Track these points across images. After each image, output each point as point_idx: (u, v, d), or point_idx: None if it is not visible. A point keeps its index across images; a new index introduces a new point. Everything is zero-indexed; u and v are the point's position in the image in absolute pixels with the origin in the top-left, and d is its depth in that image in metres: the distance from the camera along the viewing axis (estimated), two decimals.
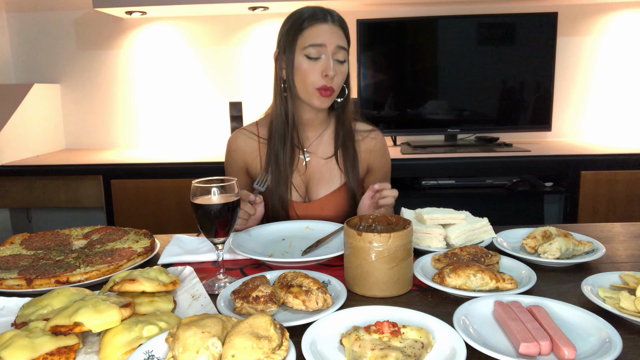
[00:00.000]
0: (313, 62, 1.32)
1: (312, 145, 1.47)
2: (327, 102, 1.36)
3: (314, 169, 1.46)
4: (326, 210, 1.43)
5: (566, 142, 2.95)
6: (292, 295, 0.84)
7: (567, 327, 0.77)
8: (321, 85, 1.32)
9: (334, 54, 1.32)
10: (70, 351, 0.70)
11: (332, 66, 1.31)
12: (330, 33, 1.32)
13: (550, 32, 2.74)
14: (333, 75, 1.31)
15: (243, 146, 1.48)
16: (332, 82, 1.33)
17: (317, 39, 1.32)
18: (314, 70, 1.32)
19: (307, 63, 1.33)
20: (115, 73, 3.10)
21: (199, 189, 0.96)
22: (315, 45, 1.31)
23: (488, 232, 1.18)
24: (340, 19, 1.37)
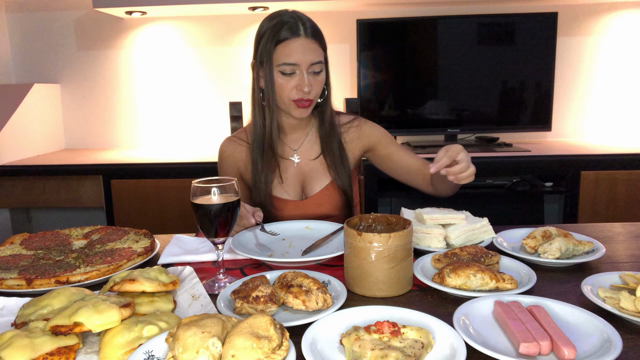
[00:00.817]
0: (288, 77, 1.33)
1: (301, 146, 1.49)
2: (306, 112, 1.38)
3: (306, 168, 1.48)
4: (323, 205, 1.45)
5: (566, 142, 2.95)
6: (292, 295, 0.84)
7: (567, 327, 0.77)
8: (297, 98, 1.34)
9: (308, 69, 1.33)
10: (70, 351, 0.70)
11: (307, 81, 1.32)
12: (303, 50, 1.31)
13: (550, 32, 2.74)
14: (308, 90, 1.33)
15: (234, 153, 1.50)
16: (308, 95, 1.34)
17: (289, 57, 1.31)
18: (289, 85, 1.34)
19: (282, 78, 1.34)
20: (115, 73, 3.10)
21: (199, 189, 0.96)
22: (288, 64, 1.32)
23: (488, 232, 1.18)
24: (313, 28, 1.34)
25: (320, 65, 1.35)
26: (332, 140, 1.46)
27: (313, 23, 1.36)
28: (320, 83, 1.37)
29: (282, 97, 1.36)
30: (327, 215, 1.45)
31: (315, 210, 1.45)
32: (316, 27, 1.36)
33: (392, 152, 1.49)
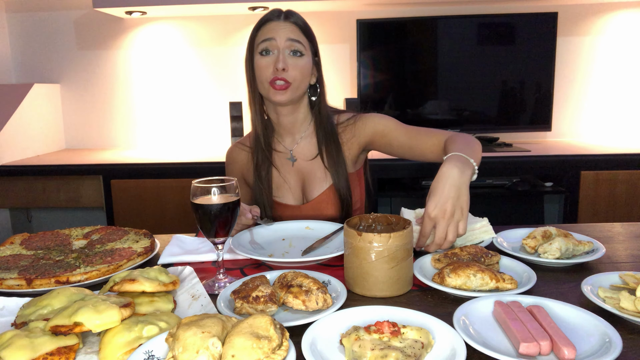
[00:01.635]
0: (266, 57, 1.34)
1: (298, 147, 1.48)
2: (284, 95, 1.34)
3: (304, 171, 1.47)
4: (323, 209, 1.44)
5: (566, 142, 2.95)
6: (292, 295, 0.84)
7: (567, 327, 0.77)
8: (272, 77, 1.33)
9: (286, 48, 1.33)
10: (70, 351, 0.70)
11: (283, 58, 1.31)
12: (280, 28, 1.33)
13: (550, 32, 2.74)
14: (282, 67, 1.31)
15: (237, 158, 1.52)
16: (283, 74, 1.32)
17: (267, 34, 1.33)
18: (267, 64, 1.33)
19: (261, 59, 1.34)
20: (115, 73, 3.10)
21: (199, 189, 0.96)
22: (265, 40, 1.33)
23: (488, 232, 1.18)
24: (297, 18, 1.37)
25: (299, 46, 1.33)
26: (329, 140, 1.44)
27: (301, 18, 1.37)
28: (300, 68, 1.34)
29: (261, 81, 1.35)
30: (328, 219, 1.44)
31: (316, 213, 1.44)
32: (303, 21, 1.37)
33: (391, 139, 1.43)
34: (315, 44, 1.41)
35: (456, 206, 1.05)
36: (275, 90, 1.34)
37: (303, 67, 1.35)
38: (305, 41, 1.36)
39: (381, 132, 1.44)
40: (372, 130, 1.45)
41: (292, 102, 1.39)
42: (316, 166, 1.46)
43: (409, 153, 1.42)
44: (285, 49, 1.33)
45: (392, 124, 1.44)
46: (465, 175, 1.09)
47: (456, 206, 1.05)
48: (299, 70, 1.34)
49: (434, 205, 1.05)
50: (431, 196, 1.07)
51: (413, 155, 1.41)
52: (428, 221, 1.05)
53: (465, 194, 1.07)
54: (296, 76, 1.34)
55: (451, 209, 1.04)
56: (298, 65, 1.34)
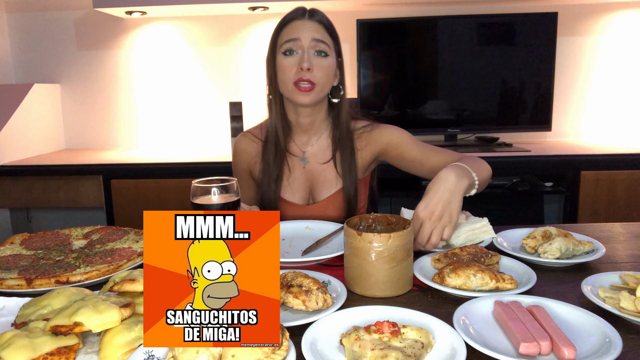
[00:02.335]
0: (290, 57, 1.32)
1: (311, 149, 1.47)
2: (308, 97, 1.33)
3: (315, 173, 1.46)
4: (328, 211, 1.44)
5: (566, 142, 2.95)
6: (292, 295, 0.84)
7: (567, 327, 0.77)
8: (297, 78, 1.31)
9: (311, 48, 1.31)
10: (70, 351, 0.70)
11: (307, 58, 1.30)
12: (306, 27, 1.32)
13: (550, 32, 2.74)
14: (307, 67, 1.29)
15: (246, 149, 1.50)
16: (308, 74, 1.30)
17: (291, 34, 1.32)
18: (290, 64, 1.32)
19: (284, 60, 1.33)
20: (115, 73, 3.10)
21: (199, 189, 0.96)
22: (289, 40, 1.31)
23: (488, 232, 1.18)
24: (322, 16, 1.35)
25: (324, 46, 1.32)
26: (345, 145, 1.42)
27: (325, 16, 1.36)
28: (325, 69, 1.33)
29: (284, 82, 1.34)
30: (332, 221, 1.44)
31: (320, 215, 1.44)
32: (327, 19, 1.36)
33: (404, 151, 1.42)
34: (339, 44, 1.39)
35: (445, 210, 1.06)
36: (300, 92, 1.32)
37: (328, 67, 1.33)
38: (330, 41, 1.34)
39: (396, 143, 1.43)
40: (388, 141, 1.44)
41: (315, 103, 1.37)
42: (328, 170, 1.45)
43: (419, 168, 1.41)
44: (310, 48, 1.31)
45: (407, 137, 1.44)
46: (462, 183, 1.10)
47: (445, 210, 1.06)
48: (324, 71, 1.32)
49: (424, 206, 1.06)
50: (424, 196, 1.08)
51: (423, 170, 1.41)
52: (416, 220, 1.07)
53: (457, 200, 1.08)
54: (321, 77, 1.33)
55: (440, 211, 1.06)
56: (323, 65, 1.32)
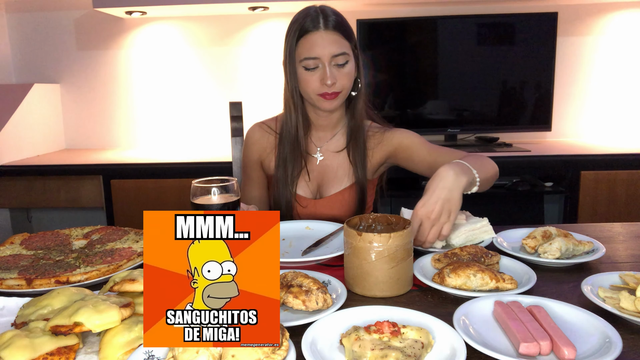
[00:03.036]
0: (311, 72, 1.33)
1: (326, 144, 1.48)
2: (334, 103, 1.36)
3: (327, 167, 1.47)
4: (335, 208, 1.44)
5: (566, 142, 2.95)
6: (292, 295, 0.84)
7: (567, 327, 0.77)
8: (322, 92, 1.33)
9: (331, 62, 1.31)
10: (70, 351, 0.70)
11: (330, 74, 1.30)
12: (323, 44, 1.30)
13: (550, 32, 2.74)
14: (331, 83, 1.31)
15: (260, 140, 1.50)
16: (333, 87, 1.32)
17: (310, 52, 1.31)
18: (312, 79, 1.33)
19: (305, 74, 1.33)
20: (115, 73, 3.10)
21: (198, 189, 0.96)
22: (309, 58, 1.31)
23: (488, 232, 1.18)
24: (336, 21, 1.33)
25: (344, 57, 1.32)
26: (359, 136, 1.43)
27: (338, 16, 1.35)
28: (346, 75, 1.34)
29: (307, 92, 1.35)
30: (337, 219, 1.43)
31: (327, 211, 1.44)
32: (340, 19, 1.35)
33: (412, 154, 1.43)
34: (354, 38, 1.38)
35: (444, 208, 1.06)
36: (325, 100, 1.34)
37: (348, 73, 1.34)
38: (348, 47, 1.34)
39: (406, 145, 1.44)
40: (398, 142, 1.45)
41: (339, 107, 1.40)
42: (340, 162, 1.46)
43: (427, 170, 1.41)
44: (331, 62, 1.31)
45: (417, 139, 1.45)
46: (460, 180, 1.10)
47: (444, 208, 1.06)
48: (345, 78, 1.34)
49: (422, 204, 1.07)
50: (423, 195, 1.08)
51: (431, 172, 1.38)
52: (415, 218, 1.07)
53: (456, 197, 1.08)
54: (344, 84, 1.34)
55: (439, 210, 1.06)
56: (344, 74, 1.33)
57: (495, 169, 1.29)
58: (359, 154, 1.43)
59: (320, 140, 1.48)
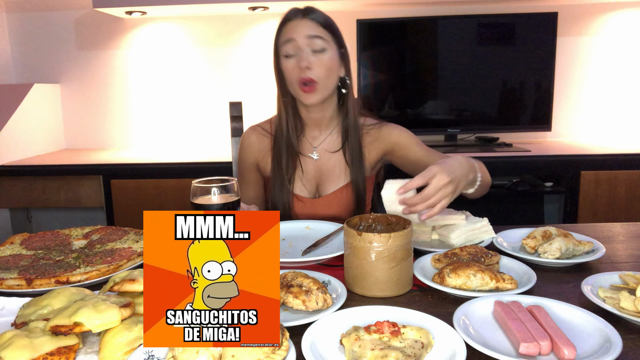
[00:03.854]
0: (290, 59, 1.34)
1: (322, 143, 1.48)
2: (313, 96, 1.35)
3: (324, 166, 1.47)
4: (334, 207, 1.44)
5: (566, 142, 2.95)
6: (292, 295, 0.84)
7: (567, 327, 0.77)
8: (299, 78, 1.33)
9: (307, 46, 1.32)
10: (70, 351, 0.70)
11: (305, 56, 1.31)
12: (299, 26, 1.33)
13: (550, 32, 2.74)
14: (305, 65, 1.30)
15: (255, 143, 1.51)
16: (309, 72, 1.31)
17: (286, 35, 1.34)
18: (292, 67, 1.34)
19: (285, 62, 1.35)
20: (115, 73, 3.10)
21: (198, 189, 0.96)
22: (286, 42, 1.33)
23: (488, 232, 1.18)
24: (317, 14, 1.36)
25: (320, 41, 1.33)
26: (353, 135, 1.44)
27: (324, 14, 1.37)
28: (324, 64, 1.33)
29: (291, 83, 1.36)
30: (336, 217, 1.44)
31: (325, 210, 1.44)
32: (322, 14, 1.36)
33: (409, 152, 1.44)
34: (340, 36, 1.40)
35: (454, 182, 1.01)
36: (305, 93, 1.34)
37: (327, 62, 1.34)
38: (326, 35, 1.35)
39: (403, 144, 1.45)
40: (396, 140, 1.46)
41: (321, 101, 1.39)
42: (337, 161, 1.47)
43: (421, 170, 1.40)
44: (306, 47, 1.32)
45: (414, 139, 1.46)
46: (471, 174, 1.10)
47: (454, 182, 1.01)
48: (323, 67, 1.33)
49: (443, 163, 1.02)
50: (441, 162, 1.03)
51: None
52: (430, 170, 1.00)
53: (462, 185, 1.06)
54: (321, 73, 1.33)
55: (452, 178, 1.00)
56: (322, 61, 1.33)
57: (489, 179, 1.27)
58: (355, 154, 1.44)
59: (315, 140, 1.49)
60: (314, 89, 1.33)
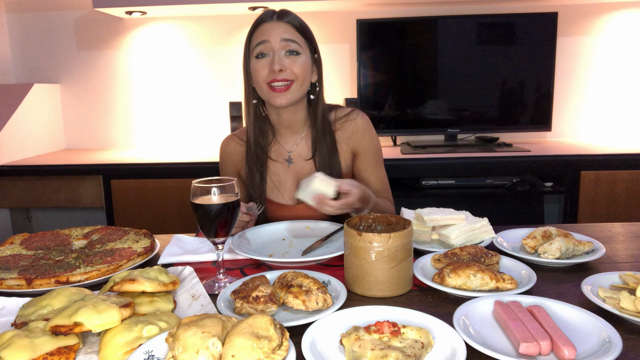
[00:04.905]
0: (261, 60, 1.32)
1: (296, 148, 1.47)
2: (284, 97, 1.32)
3: (299, 172, 1.46)
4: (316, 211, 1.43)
5: (566, 142, 2.95)
6: (292, 295, 0.84)
7: (567, 327, 0.77)
8: (270, 79, 1.31)
9: (281, 48, 1.31)
10: (70, 351, 0.70)
11: (278, 59, 1.29)
12: (274, 29, 1.32)
13: (550, 32, 2.74)
14: (279, 68, 1.29)
15: (233, 151, 1.50)
16: (281, 74, 1.30)
17: (260, 37, 1.32)
18: (262, 67, 1.32)
19: (256, 63, 1.33)
20: (115, 73, 3.10)
21: (199, 189, 0.96)
22: (259, 43, 1.31)
23: (488, 232, 1.18)
24: (292, 17, 1.34)
25: (295, 45, 1.31)
26: (321, 140, 1.42)
27: (298, 17, 1.35)
28: (299, 66, 1.31)
29: (259, 84, 1.34)
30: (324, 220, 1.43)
31: (310, 214, 1.42)
32: (297, 18, 1.35)
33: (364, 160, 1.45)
34: (313, 41, 1.38)
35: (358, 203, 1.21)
36: (276, 93, 1.31)
37: (301, 65, 1.32)
38: (301, 40, 1.33)
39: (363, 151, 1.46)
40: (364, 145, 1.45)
41: (293, 103, 1.36)
42: (311, 167, 1.45)
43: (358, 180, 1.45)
44: (281, 49, 1.31)
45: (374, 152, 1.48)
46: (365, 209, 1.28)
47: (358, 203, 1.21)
48: (297, 68, 1.31)
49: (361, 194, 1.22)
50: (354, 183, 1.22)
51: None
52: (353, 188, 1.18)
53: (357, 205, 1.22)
54: (298, 73, 1.32)
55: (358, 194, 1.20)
56: (295, 63, 1.31)
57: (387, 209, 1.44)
58: (325, 162, 1.42)
59: (288, 144, 1.47)
60: (286, 89, 1.32)
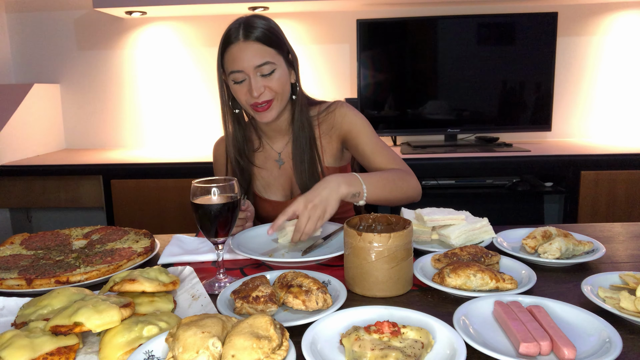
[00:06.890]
0: (239, 85, 1.32)
1: (286, 148, 1.49)
2: (269, 114, 1.34)
3: (290, 171, 1.48)
4: None
5: (566, 142, 2.95)
6: (292, 295, 0.84)
7: (567, 327, 0.77)
8: (252, 103, 1.32)
9: (255, 73, 1.30)
10: (70, 351, 0.70)
11: (255, 86, 1.29)
12: (245, 56, 1.29)
13: (550, 32, 2.74)
14: (258, 94, 1.30)
15: (224, 154, 1.52)
16: (261, 97, 1.31)
17: (233, 65, 1.30)
18: (242, 91, 1.33)
19: (235, 86, 1.34)
20: (115, 73, 3.10)
21: (199, 189, 0.96)
22: (234, 72, 1.31)
23: (488, 232, 1.18)
24: (259, 30, 1.30)
25: (269, 66, 1.30)
26: (300, 142, 1.41)
27: (264, 25, 1.32)
28: (276, 82, 1.32)
29: (244, 105, 1.36)
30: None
31: None
32: (266, 28, 1.32)
33: (358, 143, 1.42)
34: (285, 44, 1.36)
35: (321, 204, 1.13)
36: (260, 113, 1.34)
37: (278, 80, 1.32)
38: (272, 54, 1.31)
39: (355, 132, 1.43)
40: (348, 128, 1.43)
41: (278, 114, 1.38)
42: None
43: (367, 165, 1.43)
44: (255, 75, 1.30)
45: (366, 128, 1.43)
46: (342, 189, 1.16)
47: (321, 204, 1.13)
48: (276, 85, 1.32)
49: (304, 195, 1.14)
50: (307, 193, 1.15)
51: (370, 168, 1.43)
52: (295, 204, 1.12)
53: (333, 200, 1.14)
54: (276, 89, 1.33)
55: (317, 202, 1.12)
56: (273, 80, 1.32)
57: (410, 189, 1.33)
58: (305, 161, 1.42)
59: (277, 145, 1.49)
60: (269, 107, 1.33)
